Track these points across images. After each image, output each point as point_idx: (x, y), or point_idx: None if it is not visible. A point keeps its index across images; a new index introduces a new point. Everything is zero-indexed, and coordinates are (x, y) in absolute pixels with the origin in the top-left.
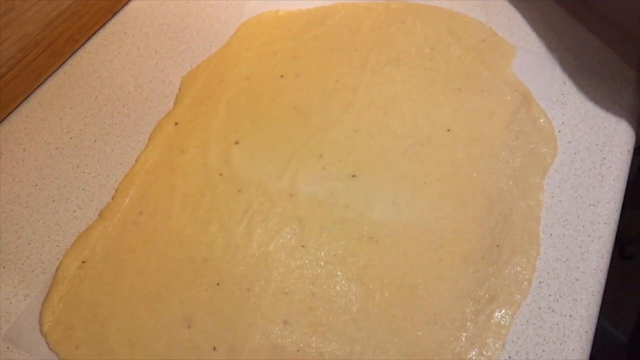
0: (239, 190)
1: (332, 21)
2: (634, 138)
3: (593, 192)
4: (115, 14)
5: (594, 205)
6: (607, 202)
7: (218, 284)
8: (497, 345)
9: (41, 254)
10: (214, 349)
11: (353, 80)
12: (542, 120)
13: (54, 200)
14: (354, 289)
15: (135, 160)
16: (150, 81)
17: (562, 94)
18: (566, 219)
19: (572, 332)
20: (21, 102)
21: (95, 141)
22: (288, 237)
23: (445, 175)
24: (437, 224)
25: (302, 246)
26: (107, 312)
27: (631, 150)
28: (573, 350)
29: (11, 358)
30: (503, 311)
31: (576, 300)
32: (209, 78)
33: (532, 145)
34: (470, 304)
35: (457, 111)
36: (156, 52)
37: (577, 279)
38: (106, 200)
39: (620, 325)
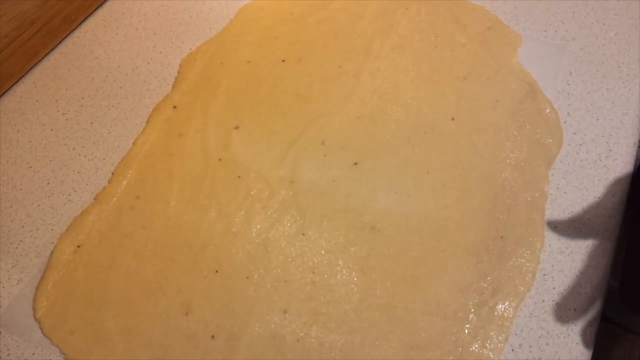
0: (239, 176)
1: (335, 5)
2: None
3: (598, 184)
4: None
5: (599, 197)
6: (613, 195)
7: (216, 272)
8: (500, 338)
9: (35, 238)
10: (212, 337)
11: (356, 66)
12: (547, 110)
13: (48, 183)
14: (355, 279)
15: (133, 144)
16: (149, 63)
17: (568, 84)
18: (571, 211)
19: (576, 325)
20: (15, 82)
21: (91, 123)
22: (288, 225)
23: (449, 165)
24: (440, 213)
25: (303, 234)
26: (102, 298)
27: (637, 143)
28: (577, 344)
29: (4, 343)
30: (506, 303)
31: (580, 294)
32: (209, 61)
33: (537, 135)
34: (473, 295)
35: (461, 100)
36: (155, 34)
37: (581, 272)
38: (102, 183)
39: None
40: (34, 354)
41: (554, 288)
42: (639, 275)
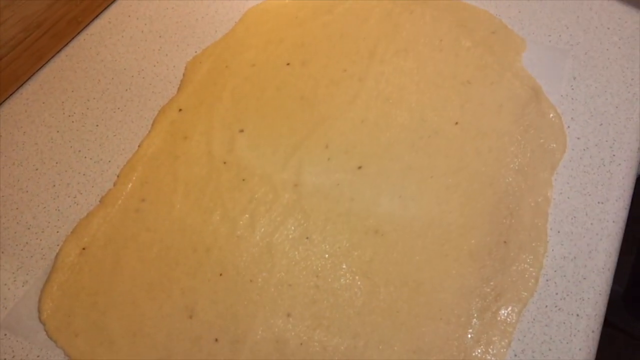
0: (243, 180)
1: (340, 9)
2: None
3: (602, 189)
4: None
5: (602, 202)
6: (616, 200)
7: (220, 275)
8: (503, 343)
9: (41, 240)
10: (216, 340)
11: (360, 70)
12: (551, 115)
13: (54, 185)
14: (358, 283)
15: (138, 146)
16: (154, 66)
17: (572, 89)
18: (574, 216)
19: (578, 331)
20: (22, 84)
21: (97, 125)
22: (292, 228)
23: (453, 169)
24: (443, 218)
25: (307, 238)
26: (107, 301)
27: None
28: (580, 349)
29: (9, 345)
30: (509, 308)
31: (583, 299)
32: (214, 64)
33: (541, 140)
34: (477, 300)
35: (465, 104)
36: (160, 37)
37: (584, 277)
38: (108, 186)
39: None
40: (38, 356)
41: (556, 293)
42: None
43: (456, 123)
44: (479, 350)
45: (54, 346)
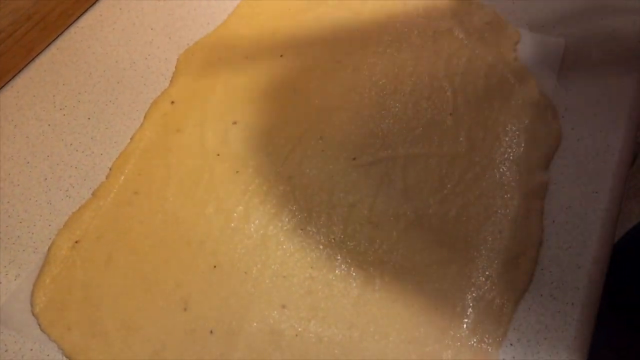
0: (237, 172)
1: (333, 1)
2: (637, 125)
3: (596, 179)
4: None
5: (596, 192)
6: (610, 190)
7: (215, 267)
8: (498, 332)
9: (32, 233)
10: (211, 332)
11: (354, 61)
12: (545, 105)
13: (46, 179)
14: (353, 274)
15: (130, 139)
16: (146, 58)
17: (566, 79)
18: (569, 206)
19: (573, 319)
20: (12, 77)
21: (89, 118)
22: (286, 220)
23: (447, 160)
24: (438, 208)
25: (301, 229)
26: (100, 294)
27: (635, 137)
28: (575, 338)
29: (2, 339)
30: (505, 298)
31: (578, 288)
32: (207, 56)
33: (535, 130)
34: (472, 290)
35: (459, 95)
36: (152, 29)
37: (579, 267)
38: (100, 179)
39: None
40: (31, 350)
41: (552, 282)
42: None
43: (450, 114)
44: (475, 340)
45: (48, 340)
